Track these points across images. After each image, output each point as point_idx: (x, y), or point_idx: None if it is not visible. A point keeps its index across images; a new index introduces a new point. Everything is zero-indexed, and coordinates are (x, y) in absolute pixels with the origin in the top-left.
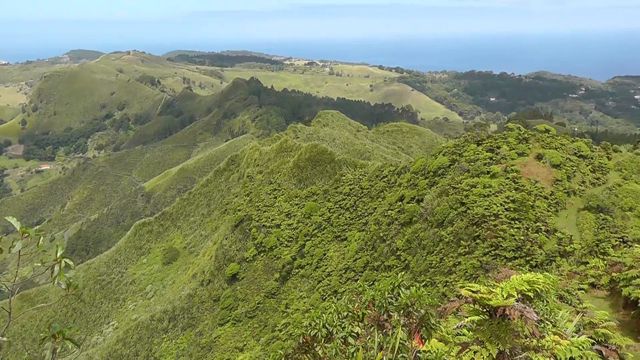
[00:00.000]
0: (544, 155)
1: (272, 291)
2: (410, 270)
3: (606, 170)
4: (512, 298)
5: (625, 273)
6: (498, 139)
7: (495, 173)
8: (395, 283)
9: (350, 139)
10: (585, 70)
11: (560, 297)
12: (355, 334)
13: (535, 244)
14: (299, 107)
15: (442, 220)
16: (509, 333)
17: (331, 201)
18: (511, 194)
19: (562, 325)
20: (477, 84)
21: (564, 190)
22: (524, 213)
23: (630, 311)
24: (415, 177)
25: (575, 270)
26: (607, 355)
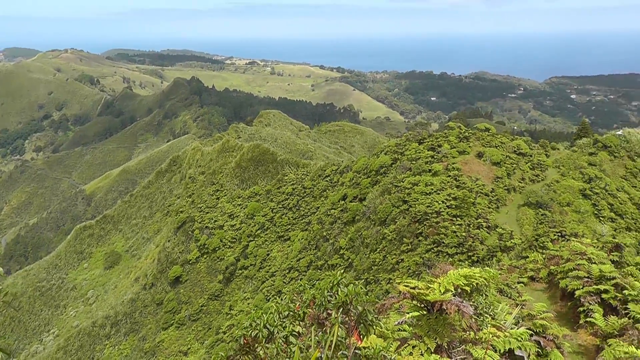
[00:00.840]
0: (484, 153)
1: (216, 293)
2: (354, 269)
3: (545, 167)
4: (449, 293)
5: (563, 266)
6: (439, 138)
7: (437, 171)
8: (335, 281)
9: (292, 139)
10: (524, 70)
11: (501, 290)
12: (297, 333)
13: (477, 240)
14: (241, 107)
15: (384, 219)
16: (447, 327)
17: (274, 201)
18: (453, 191)
19: (501, 318)
20: (418, 84)
21: (504, 187)
22: (466, 210)
23: (567, 302)
24: (357, 176)
25: (515, 265)
26: (545, 345)
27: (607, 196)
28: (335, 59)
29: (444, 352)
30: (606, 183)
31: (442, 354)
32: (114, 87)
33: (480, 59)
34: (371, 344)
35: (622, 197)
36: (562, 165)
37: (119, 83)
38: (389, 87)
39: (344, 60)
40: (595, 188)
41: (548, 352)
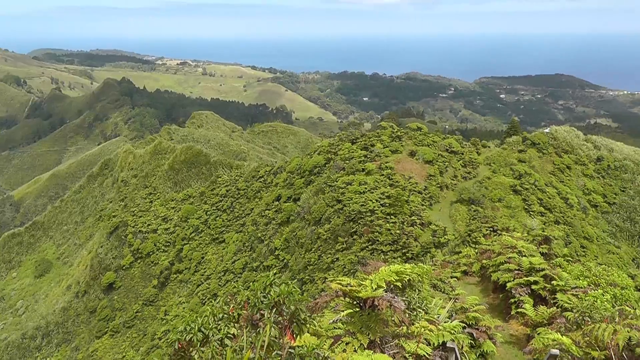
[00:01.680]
0: (417, 152)
1: (151, 298)
2: (289, 269)
3: (476, 164)
4: (380, 289)
5: (495, 259)
6: (372, 138)
7: (370, 170)
8: (268, 282)
9: (225, 140)
10: (454, 71)
11: (434, 285)
12: (232, 335)
13: (411, 237)
14: (173, 108)
15: (319, 218)
16: (379, 323)
17: (208, 203)
18: (386, 190)
19: (435, 312)
20: (350, 84)
21: (437, 184)
22: (399, 208)
23: (499, 294)
24: (291, 176)
25: (448, 260)
26: (478, 337)
27: (536, 191)
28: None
29: (377, 347)
30: (535, 179)
31: (375, 349)
32: (42, 88)
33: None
34: (305, 342)
35: (551, 192)
36: (493, 163)
37: (47, 84)
38: (321, 88)
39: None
40: (525, 184)
41: (481, 343)
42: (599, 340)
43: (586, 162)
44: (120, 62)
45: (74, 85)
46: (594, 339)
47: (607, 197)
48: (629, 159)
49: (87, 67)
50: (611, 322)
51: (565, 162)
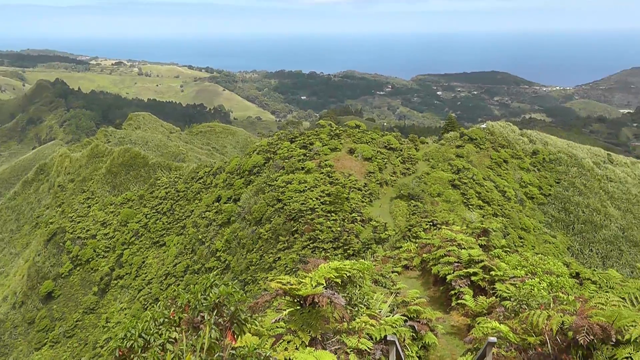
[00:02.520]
0: (356, 149)
1: (91, 306)
2: (231, 270)
3: (415, 160)
4: (320, 286)
5: (435, 253)
6: (311, 136)
7: (310, 169)
8: (208, 284)
9: (163, 141)
10: (391, 69)
11: (376, 281)
12: (173, 339)
13: (352, 234)
14: (109, 110)
15: (260, 218)
16: (320, 320)
17: (147, 206)
18: (326, 187)
19: (376, 307)
20: (287, 83)
21: (376, 181)
22: (340, 205)
23: (440, 287)
24: (231, 177)
25: (389, 255)
26: (419, 329)
27: (474, 185)
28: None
29: (318, 344)
30: (473, 173)
31: (317, 346)
32: None
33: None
34: (246, 342)
35: (489, 185)
36: (432, 158)
37: None
38: (258, 87)
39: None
40: (463, 178)
41: (422, 336)
42: (534, 326)
43: (522, 155)
44: (53, 62)
45: (5, 88)
46: (529, 325)
47: (543, 189)
48: (562, 152)
49: (18, 67)
50: (546, 308)
51: (502, 156)
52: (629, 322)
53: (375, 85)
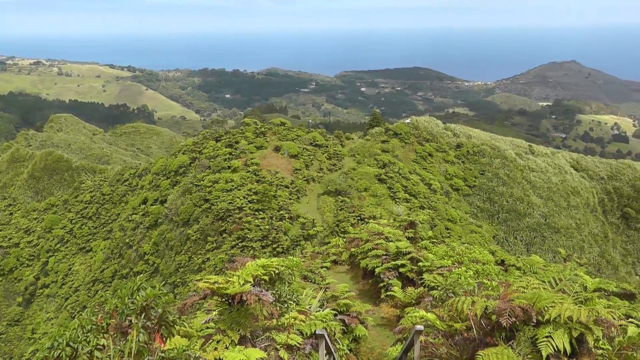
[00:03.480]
0: (281, 147)
1: (16, 318)
2: (160, 273)
3: (341, 156)
4: (248, 284)
5: (363, 247)
6: (236, 134)
7: (236, 167)
8: (135, 287)
9: (87, 144)
10: (315, 66)
11: (305, 277)
12: (102, 346)
13: (280, 231)
14: (29, 112)
15: (187, 219)
16: (249, 317)
17: (72, 211)
18: (253, 186)
19: (306, 303)
20: (211, 82)
21: (303, 178)
22: (267, 203)
23: (369, 280)
24: (157, 178)
25: (318, 251)
26: (350, 323)
27: (400, 179)
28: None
29: (248, 342)
30: (399, 167)
31: (247, 344)
32: None
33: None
34: (175, 344)
35: (415, 179)
36: (358, 154)
37: None
38: (182, 86)
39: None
40: (389, 172)
41: (353, 329)
42: (459, 312)
43: (447, 149)
44: None
45: None
46: (455, 312)
47: (468, 181)
48: (485, 145)
49: None
50: (471, 295)
51: (427, 150)
52: (549, 303)
53: (299, 83)
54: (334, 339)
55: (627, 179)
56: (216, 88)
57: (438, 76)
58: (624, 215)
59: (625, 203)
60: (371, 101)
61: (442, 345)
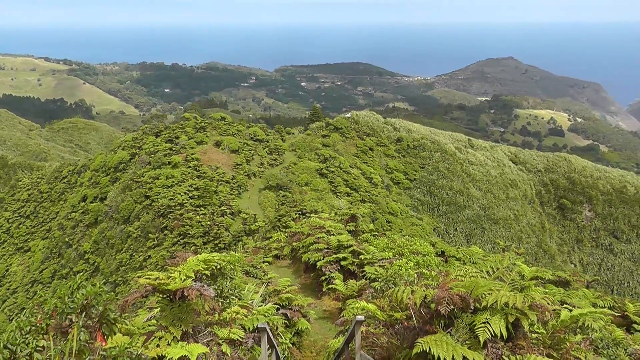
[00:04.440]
0: (222, 142)
1: None
2: (101, 272)
3: (282, 151)
4: (189, 279)
5: (304, 241)
6: (176, 130)
7: (177, 163)
8: (75, 286)
9: (23, 140)
10: (254, 60)
11: (247, 272)
12: (41, 347)
13: (222, 227)
14: None
15: (128, 216)
16: (190, 313)
17: (9, 210)
18: (194, 182)
19: (248, 298)
20: (150, 76)
21: (244, 173)
22: (208, 199)
23: (311, 274)
24: (96, 174)
25: (260, 246)
26: (292, 316)
27: (342, 173)
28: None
29: (190, 337)
30: (340, 162)
31: (189, 339)
32: None
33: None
34: (117, 343)
35: (356, 173)
36: (298, 148)
37: None
38: (120, 80)
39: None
40: (330, 167)
41: (295, 322)
42: (399, 302)
43: (387, 143)
44: None
45: None
46: (395, 302)
47: (408, 174)
48: (426, 139)
49: None
50: (411, 285)
51: (367, 144)
52: (486, 291)
53: (239, 77)
54: (276, 333)
55: (563, 172)
56: (155, 82)
57: (378, 71)
58: (560, 206)
59: (561, 194)
60: (311, 96)
61: (383, 335)
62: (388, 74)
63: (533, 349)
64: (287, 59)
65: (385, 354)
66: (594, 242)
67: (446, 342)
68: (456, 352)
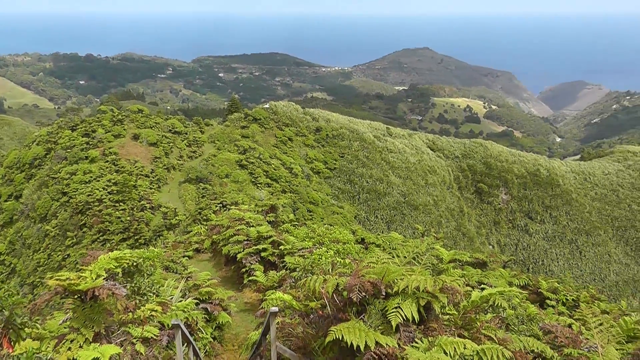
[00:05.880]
0: (140, 135)
1: None
2: (18, 274)
3: (201, 143)
4: (100, 278)
5: (224, 233)
6: (93, 123)
7: (94, 157)
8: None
9: None
10: (171, 51)
11: (167, 267)
12: None
13: (142, 222)
14: None
15: (45, 214)
16: (103, 313)
17: None
18: (112, 176)
19: (168, 294)
20: (64, 67)
21: (163, 166)
22: (128, 194)
23: (231, 266)
24: (10, 171)
25: (180, 240)
26: (212, 310)
27: (261, 164)
28: None
29: (103, 338)
30: (260, 152)
31: (102, 340)
32: None
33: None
34: (25, 348)
35: (276, 163)
36: (218, 140)
37: None
38: (32, 71)
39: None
40: (250, 158)
41: (216, 316)
42: (313, 291)
43: (306, 133)
44: None
45: None
46: (309, 291)
47: (328, 164)
48: (344, 128)
49: None
50: (326, 273)
51: (286, 135)
52: (397, 276)
53: (156, 68)
54: (197, 328)
55: (480, 157)
56: (69, 74)
57: (296, 62)
58: (477, 191)
59: (479, 179)
60: (230, 87)
61: (299, 325)
62: (306, 65)
63: (445, 330)
64: (204, 50)
65: (301, 344)
66: (510, 224)
67: (359, 329)
68: (369, 338)
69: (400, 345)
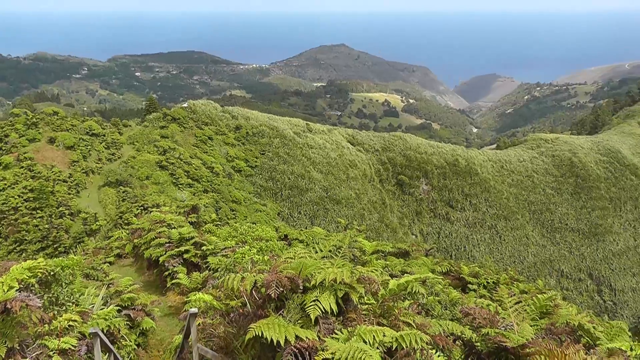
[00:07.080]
0: (56, 138)
1: None
2: None
3: (120, 145)
4: (12, 290)
5: (145, 237)
6: (5, 127)
7: (8, 164)
8: None
9: None
10: (85, 50)
11: (87, 275)
12: None
13: (62, 230)
14: None
15: None
16: (16, 327)
17: None
18: (28, 183)
19: (88, 302)
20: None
21: (82, 170)
22: (45, 200)
23: (154, 270)
24: None
25: (100, 246)
26: (135, 316)
27: (182, 165)
28: None
29: (17, 354)
30: (180, 153)
31: (16, 356)
32: None
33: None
34: None
35: (197, 163)
36: (137, 141)
37: None
38: None
39: None
40: (170, 159)
41: (139, 322)
42: (232, 289)
43: (226, 131)
44: None
45: None
46: (228, 290)
47: (249, 162)
48: (264, 125)
49: None
50: (245, 271)
51: (206, 134)
52: (315, 270)
53: (70, 68)
54: (119, 335)
55: (399, 150)
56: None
57: (213, 59)
58: (398, 182)
59: (399, 171)
60: (147, 86)
61: (220, 325)
62: (223, 62)
63: (364, 319)
64: (119, 48)
65: (223, 344)
66: (432, 213)
67: (278, 324)
68: (288, 333)
69: (321, 338)
